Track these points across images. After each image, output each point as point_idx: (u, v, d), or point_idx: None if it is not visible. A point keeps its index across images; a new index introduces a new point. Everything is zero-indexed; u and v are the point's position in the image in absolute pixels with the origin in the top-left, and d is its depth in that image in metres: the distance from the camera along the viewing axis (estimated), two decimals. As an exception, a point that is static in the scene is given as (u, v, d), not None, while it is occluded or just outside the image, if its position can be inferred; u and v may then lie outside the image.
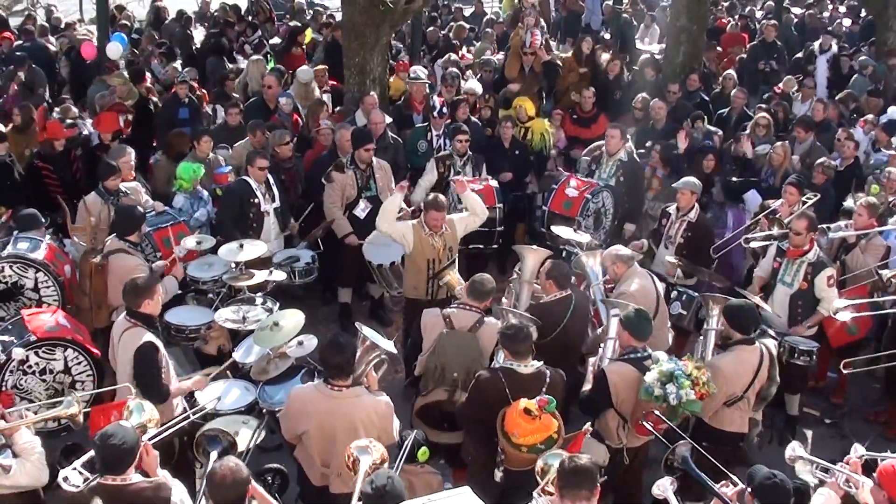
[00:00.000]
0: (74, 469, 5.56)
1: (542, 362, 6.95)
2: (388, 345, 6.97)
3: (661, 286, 8.80)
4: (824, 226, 9.94)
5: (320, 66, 14.69)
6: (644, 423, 6.85)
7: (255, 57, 15.22)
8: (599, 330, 8.36)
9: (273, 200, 10.23)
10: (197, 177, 10.51)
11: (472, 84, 13.69)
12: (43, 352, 7.77)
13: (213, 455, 6.15)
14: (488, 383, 6.83)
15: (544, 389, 6.74)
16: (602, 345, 7.71)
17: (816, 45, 17.25)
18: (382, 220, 9.19)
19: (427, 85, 13.47)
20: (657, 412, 6.77)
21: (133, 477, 5.45)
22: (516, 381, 6.77)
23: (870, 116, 13.46)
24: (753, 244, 9.89)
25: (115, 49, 14.69)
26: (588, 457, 5.63)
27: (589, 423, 6.78)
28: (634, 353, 7.19)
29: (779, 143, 11.82)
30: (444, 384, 7.53)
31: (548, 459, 5.98)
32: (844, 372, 8.76)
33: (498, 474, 6.64)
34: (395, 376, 9.48)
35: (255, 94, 13.94)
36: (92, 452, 5.59)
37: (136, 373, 6.90)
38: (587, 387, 7.39)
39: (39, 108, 12.55)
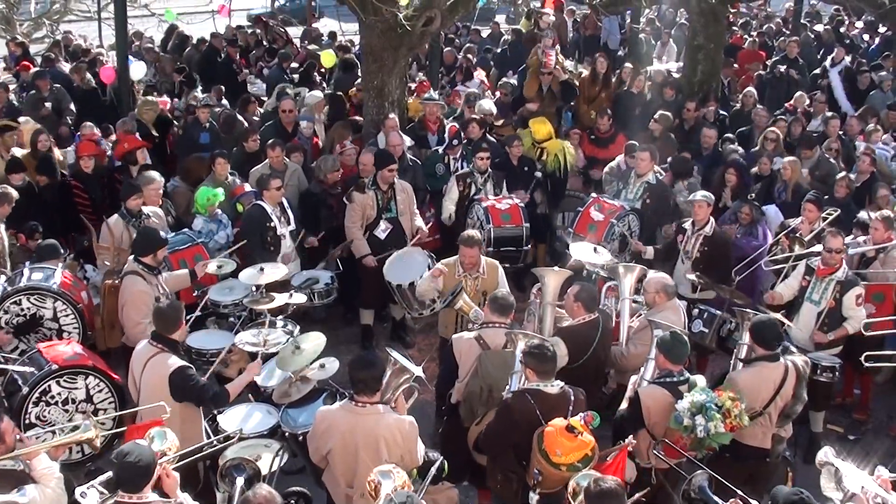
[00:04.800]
0: (91, 486, 5.63)
1: (563, 382, 6.90)
2: (417, 369, 6.95)
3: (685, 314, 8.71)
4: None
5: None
6: (655, 451, 6.83)
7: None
8: (622, 346, 8.32)
9: (289, 223, 10.28)
10: (213, 203, 10.50)
11: (487, 104, 13.68)
12: (65, 381, 7.81)
13: (239, 481, 6.16)
14: (518, 406, 6.72)
15: (570, 408, 6.70)
16: (644, 365, 7.64)
17: (829, 58, 17.24)
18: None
19: (441, 106, 13.48)
20: (683, 440, 6.73)
21: (150, 496, 5.52)
22: (544, 401, 6.70)
23: (870, 127, 13.46)
24: (776, 266, 9.86)
25: (138, 69, 14.75)
26: (614, 479, 5.63)
27: (631, 437, 6.67)
28: (670, 376, 7.14)
29: (786, 159, 11.76)
30: (494, 405, 7.30)
31: (578, 480, 5.91)
32: (866, 365, 8.77)
33: (535, 498, 6.51)
34: (421, 398, 9.45)
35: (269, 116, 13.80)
36: (110, 473, 5.66)
37: (183, 395, 6.99)
38: (624, 405, 7.35)
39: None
